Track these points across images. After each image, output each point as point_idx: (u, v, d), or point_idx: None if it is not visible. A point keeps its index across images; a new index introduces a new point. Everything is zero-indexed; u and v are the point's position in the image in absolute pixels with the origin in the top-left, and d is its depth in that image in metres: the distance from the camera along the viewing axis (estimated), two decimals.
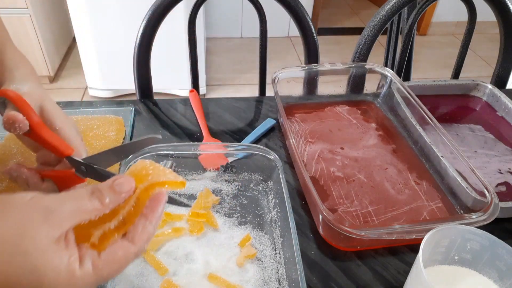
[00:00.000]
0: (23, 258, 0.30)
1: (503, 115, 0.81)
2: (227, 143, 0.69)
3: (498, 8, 0.98)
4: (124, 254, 0.33)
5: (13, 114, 0.41)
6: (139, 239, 0.34)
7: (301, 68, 0.82)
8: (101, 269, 0.32)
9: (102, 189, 0.34)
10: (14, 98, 0.42)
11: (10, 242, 0.30)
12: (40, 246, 0.30)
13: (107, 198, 0.34)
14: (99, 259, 0.33)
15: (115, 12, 1.91)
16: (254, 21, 1.14)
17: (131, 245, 0.34)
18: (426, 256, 0.46)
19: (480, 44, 2.96)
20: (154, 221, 0.35)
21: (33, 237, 0.30)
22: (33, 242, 0.30)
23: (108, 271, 0.33)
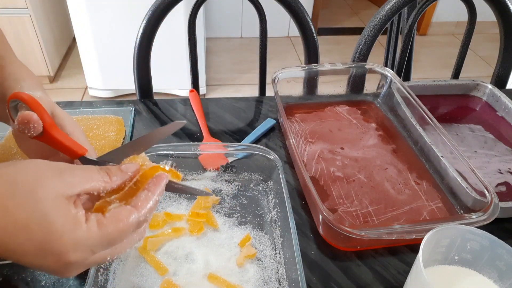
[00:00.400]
0: (34, 203, 0.31)
1: (503, 115, 0.81)
2: (227, 143, 0.69)
3: (498, 8, 0.98)
4: (126, 215, 0.35)
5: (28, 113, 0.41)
6: (141, 205, 0.36)
7: (301, 68, 0.82)
8: (106, 225, 0.34)
9: (111, 167, 0.37)
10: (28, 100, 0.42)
11: (25, 187, 0.32)
12: (51, 196, 0.32)
13: (114, 175, 0.36)
14: (104, 218, 0.34)
15: (115, 12, 1.91)
16: (254, 21, 1.14)
17: (134, 209, 0.35)
18: (426, 256, 0.46)
19: (480, 44, 2.96)
20: (156, 193, 0.37)
21: (46, 186, 0.32)
22: (46, 191, 0.32)
23: (112, 229, 0.34)
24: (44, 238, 0.31)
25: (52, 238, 0.32)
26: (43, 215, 0.31)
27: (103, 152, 0.68)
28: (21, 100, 0.42)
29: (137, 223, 0.36)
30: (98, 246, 0.34)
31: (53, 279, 0.50)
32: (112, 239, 0.34)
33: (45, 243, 0.31)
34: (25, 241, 0.31)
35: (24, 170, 0.33)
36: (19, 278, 0.50)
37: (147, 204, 0.36)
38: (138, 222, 0.36)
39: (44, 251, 0.32)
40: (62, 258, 0.32)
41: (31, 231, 0.31)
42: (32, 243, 0.31)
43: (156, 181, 0.38)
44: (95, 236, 0.33)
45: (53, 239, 0.32)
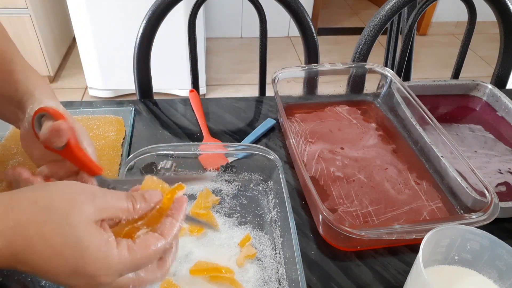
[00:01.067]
0: (69, 229, 0.32)
1: (503, 115, 0.81)
2: (227, 143, 0.69)
3: (498, 8, 0.98)
4: (154, 243, 0.36)
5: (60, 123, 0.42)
6: (167, 233, 0.37)
7: (301, 68, 0.82)
8: (136, 251, 0.34)
9: (135, 195, 0.38)
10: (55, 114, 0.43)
11: (60, 213, 0.32)
12: (85, 221, 0.33)
13: (138, 204, 0.37)
14: (133, 244, 0.35)
15: (115, 12, 1.91)
16: (254, 21, 1.14)
17: (161, 237, 0.36)
18: (426, 256, 0.46)
19: (480, 44, 2.96)
20: (180, 219, 0.39)
21: (80, 211, 0.33)
22: (80, 216, 0.33)
23: (141, 254, 0.35)
24: (77, 263, 0.32)
25: (86, 263, 0.32)
26: (77, 240, 0.32)
27: (102, 152, 0.68)
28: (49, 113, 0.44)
29: (163, 250, 0.37)
30: (126, 270, 0.35)
31: None
32: (139, 264, 0.35)
33: (78, 268, 0.32)
34: (59, 265, 0.32)
35: (58, 194, 0.34)
36: (19, 278, 0.50)
37: (172, 231, 0.37)
38: (164, 249, 0.37)
39: (77, 274, 0.33)
40: (95, 280, 0.33)
41: (66, 256, 0.32)
42: (66, 267, 0.32)
43: (178, 206, 0.39)
44: (125, 261, 0.34)
45: (86, 263, 0.32)
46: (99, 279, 0.33)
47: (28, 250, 0.32)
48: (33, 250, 0.32)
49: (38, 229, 0.32)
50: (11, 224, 0.32)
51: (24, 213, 0.32)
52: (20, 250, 0.32)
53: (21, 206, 0.33)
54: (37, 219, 0.32)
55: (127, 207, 0.36)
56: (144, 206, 0.38)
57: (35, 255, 0.32)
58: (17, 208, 0.32)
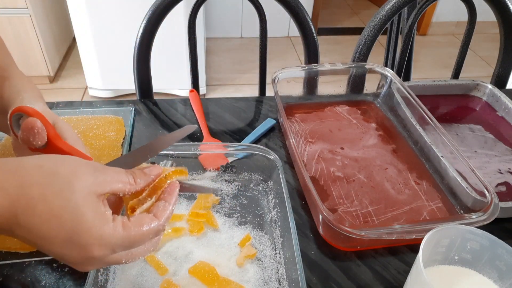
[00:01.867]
0: (70, 194, 0.33)
1: (503, 115, 0.81)
2: (227, 143, 0.69)
3: (498, 8, 0.98)
4: (148, 222, 0.37)
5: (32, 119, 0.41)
6: (160, 215, 0.38)
7: (301, 68, 0.82)
8: (130, 227, 0.35)
9: (135, 170, 0.39)
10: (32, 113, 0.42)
11: (63, 179, 0.34)
12: (85, 191, 0.34)
13: (138, 177, 0.39)
14: (128, 221, 0.36)
15: (115, 12, 1.91)
16: (254, 21, 1.14)
17: (154, 218, 0.37)
18: (426, 256, 0.46)
19: (480, 44, 2.96)
20: (172, 203, 0.40)
21: (81, 180, 0.34)
22: (81, 184, 0.34)
23: (135, 232, 0.36)
24: (73, 228, 0.33)
25: (81, 229, 0.33)
26: (76, 206, 0.33)
27: (102, 151, 0.68)
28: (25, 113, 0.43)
29: (156, 230, 0.37)
30: (120, 246, 0.35)
31: (53, 279, 0.50)
32: (133, 241, 0.36)
33: (73, 233, 0.33)
34: (56, 228, 0.33)
35: (63, 163, 0.35)
36: (19, 278, 0.50)
37: (165, 214, 0.38)
38: (157, 230, 0.38)
39: (71, 241, 0.33)
40: (86, 251, 0.34)
41: (63, 219, 0.33)
42: (62, 231, 0.33)
43: (170, 190, 0.40)
44: (118, 236, 0.35)
45: (82, 230, 0.33)
46: (91, 250, 0.34)
47: (29, 211, 0.33)
48: (33, 211, 0.33)
49: (41, 191, 0.33)
50: (16, 183, 0.33)
51: (29, 175, 0.33)
52: (21, 211, 0.33)
53: (27, 168, 0.34)
54: (41, 181, 0.33)
55: (127, 180, 0.38)
56: (145, 179, 0.39)
57: (34, 217, 0.33)
58: (23, 170, 0.34)
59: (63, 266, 0.51)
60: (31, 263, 0.51)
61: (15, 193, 0.33)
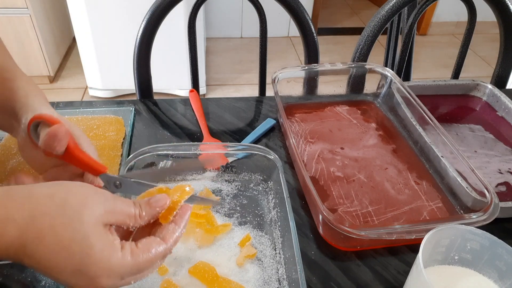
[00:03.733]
0: (79, 225, 0.33)
1: (503, 115, 0.81)
2: (227, 143, 0.69)
3: (498, 8, 0.98)
4: (156, 247, 0.37)
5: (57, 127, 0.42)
6: (168, 238, 0.38)
7: (301, 68, 0.82)
8: (138, 255, 0.36)
9: (141, 203, 0.39)
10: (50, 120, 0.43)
11: (73, 209, 0.34)
12: (95, 221, 0.34)
13: (144, 211, 0.38)
14: (136, 247, 0.36)
15: (115, 12, 1.91)
16: (254, 21, 1.14)
17: (162, 241, 0.38)
18: (426, 256, 0.46)
19: (480, 44, 2.96)
20: (182, 226, 0.40)
21: (92, 211, 0.34)
22: (90, 215, 0.34)
23: (142, 258, 0.36)
24: (82, 260, 0.33)
25: (90, 262, 0.33)
26: (85, 237, 0.33)
27: (102, 151, 0.68)
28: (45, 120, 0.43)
29: (163, 255, 0.38)
30: (128, 274, 0.36)
31: None
32: (141, 268, 0.36)
33: (82, 265, 0.33)
34: (64, 260, 0.33)
35: (73, 193, 0.35)
36: (19, 278, 0.50)
37: (173, 237, 0.38)
38: (164, 254, 0.38)
39: (80, 273, 0.33)
40: (95, 282, 0.34)
41: (72, 251, 0.33)
42: (71, 263, 0.33)
43: (181, 213, 0.40)
44: (127, 265, 0.35)
45: (90, 262, 0.33)
46: (100, 281, 0.34)
47: (38, 242, 0.32)
48: (42, 242, 0.32)
49: (50, 222, 0.33)
50: (26, 214, 0.33)
51: (39, 206, 0.33)
52: (30, 241, 0.32)
53: (38, 198, 0.34)
54: (51, 212, 0.33)
55: (134, 213, 0.37)
56: (150, 212, 0.39)
57: (43, 248, 0.32)
58: (34, 200, 0.34)
59: None
60: None
61: (25, 224, 0.32)
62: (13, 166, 0.63)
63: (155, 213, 0.39)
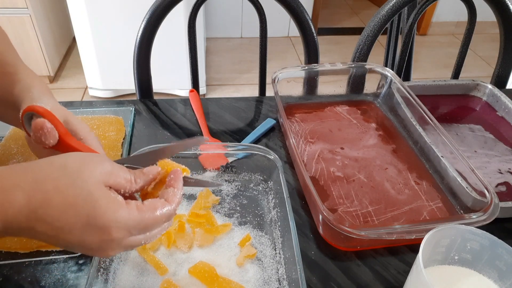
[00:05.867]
0: (81, 183, 0.35)
1: (503, 115, 0.81)
2: (227, 143, 0.69)
3: (498, 8, 0.98)
4: (161, 206, 0.38)
5: (41, 120, 0.42)
6: (172, 199, 0.39)
7: (301, 68, 0.82)
8: (144, 210, 0.37)
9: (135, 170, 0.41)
10: (42, 112, 0.43)
11: (73, 170, 0.36)
12: (95, 179, 0.36)
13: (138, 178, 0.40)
14: (142, 204, 0.38)
15: (115, 12, 1.91)
16: (254, 21, 1.14)
17: (166, 202, 0.39)
18: (426, 256, 0.46)
19: (480, 44, 2.96)
20: (180, 187, 0.41)
21: (91, 170, 0.36)
22: (90, 173, 0.36)
23: (149, 215, 0.37)
24: (90, 213, 0.35)
25: (97, 213, 0.35)
26: (89, 193, 0.35)
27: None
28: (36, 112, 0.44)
29: (168, 215, 0.39)
30: (135, 228, 0.37)
31: (53, 279, 0.50)
32: (148, 224, 0.38)
33: (90, 218, 0.35)
34: (73, 217, 0.35)
35: (72, 157, 0.38)
36: (19, 278, 0.50)
37: (176, 198, 0.40)
38: (169, 214, 0.39)
39: (89, 226, 0.35)
40: (105, 233, 0.35)
41: (78, 207, 0.35)
42: (79, 218, 0.35)
43: (175, 177, 0.41)
44: (134, 218, 0.36)
45: (97, 214, 0.35)
46: (110, 232, 0.35)
47: (45, 204, 0.34)
48: (50, 204, 0.34)
49: (54, 184, 0.35)
50: (30, 180, 0.35)
51: (41, 171, 0.36)
52: (39, 205, 0.34)
53: (39, 166, 0.36)
54: (53, 175, 0.35)
55: (129, 178, 0.39)
56: (143, 178, 0.40)
57: (51, 209, 0.34)
58: (36, 168, 0.36)
59: (63, 267, 0.51)
60: (31, 263, 0.51)
61: (31, 189, 0.34)
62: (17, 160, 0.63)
63: (148, 179, 0.41)
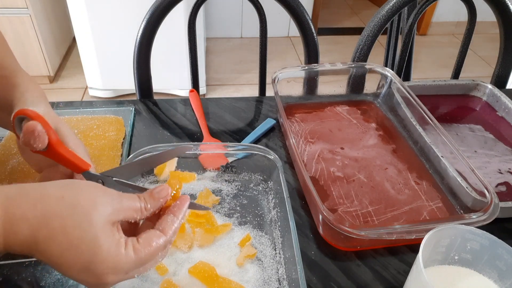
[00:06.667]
0: (88, 226, 0.35)
1: (503, 115, 0.81)
2: (227, 143, 0.69)
3: (498, 8, 0.98)
4: (156, 240, 0.38)
5: (33, 123, 0.42)
6: (167, 230, 0.39)
7: (301, 68, 0.82)
8: (140, 250, 0.37)
9: (145, 195, 0.41)
10: (33, 116, 0.43)
11: (83, 210, 0.35)
12: (103, 221, 0.36)
13: (148, 203, 0.40)
14: (138, 243, 0.38)
15: (115, 12, 1.91)
16: (254, 21, 1.14)
17: (161, 234, 0.39)
18: (426, 256, 0.46)
19: (480, 44, 2.96)
20: (180, 217, 0.41)
21: (101, 211, 0.36)
22: (99, 215, 0.36)
23: (145, 253, 0.37)
24: (90, 259, 0.35)
25: (97, 260, 0.35)
26: (93, 238, 0.35)
27: (102, 152, 0.68)
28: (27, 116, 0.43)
29: (164, 246, 0.39)
30: (132, 269, 0.37)
31: (53, 279, 0.50)
32: (144, 261, 0.38)
33: (90, 263, 0.35)
34: (73, 258, 0.35)
35: (84, 193, 0.37)
36: (19, 278, 0.50)
37: (173, 228, 0.40)
38: (165, 245, 0.39)
39: (87, 270, 0.35)
40: (101, 279, 0.36)
41: (80, 250, 0.35)
42: (79, 261, 0.35)
43: (180, 204, 0.42)
44: (131, 261, 0.37)
45: (97, 261, 0.35)
46: (106, 278, 0.36)
47: (49, 241, 0.34)
48: (53, 241, 0.34)
49: (61, 222, 0.35)
50: (38, 214, 0.34)
51: (51, 206, 0.35)
52: (42, 240, 0.34)
53: (50, 199, 0.35)
54: (62, 213, 0.35)
55: (140, 207, 0.39)
56: (154, 204, 0.40)
57: (54, 246, 0.34)
58: (46, 201, 0.35)
59: None
60: (31, 263, 0.51)
61: (37, 223, 0.34)
62: (13, 166, 0.63)
63: (159, 204, 0.41)
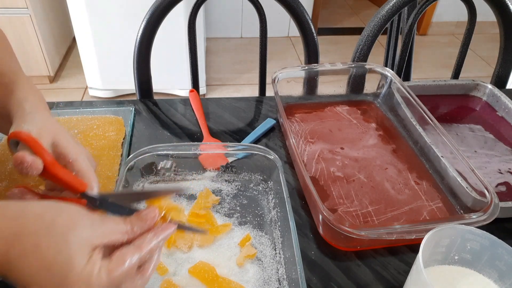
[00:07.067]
0: (65, 247, 0.34)
1: (503, 115, 0.81)
2: (227, 143, 0.69)
3: (498, 8, 0.98)
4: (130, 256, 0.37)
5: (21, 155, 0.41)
6: (144, 246, 0.38)
7: (301, 68, 0.82)
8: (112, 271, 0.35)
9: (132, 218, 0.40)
10: (27, 140, 0.42)
11: (60, 229, 0.34)
12: (80, 243, 0.35)
13: (135, 225, 0.39)
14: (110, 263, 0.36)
15: (115, 12, 1.91)
16: (254, 21, 1.14)
17: (136, 249, 0.38)
18: (426, 256, 0.46)
19: (480, 44, 2.96)
20: (160, 238, 0.40)
21: (78, 233, 0.35)
22: (76, 237, 0.34)
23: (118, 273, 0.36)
24: (61, 281, 0.33)
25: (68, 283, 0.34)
26: (66, 259, 0.34)
27: (102, 152, 0.68)
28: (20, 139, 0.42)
29: (139, 261, 0.38)
30: None
31: None
32: (118, 282, 0.36)
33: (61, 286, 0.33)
34: (45, 280, 0.33)
35: (64, 214, 0.36)
36: None
37: (149, 246, 0.38)
38: (140, 261, 0.38)
39: None
40: None
41: (53, 272, 0.33)
42: (51, 283, 0.33)
43: (164, 227, 0.40)
44: (104, 284, 0.35)
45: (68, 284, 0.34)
46: None
47: (22, 259, 0.33)
48: (26, 260, 0.33)
49: (36, 241, 0.34)
50: (14, 231, 0.34)
51: (28, 223, 0.34)
52: (14, 259, 0.33)
53: (28, 217, 0.35)
54: (38, 232, 0.34)
55: (125, 230, 0.38)
56: (141, 225, 0.39)
57: (27, 266, 0.33)
58: (23, 219, 0.34)
59: None
60: None
61: (11, 240, 0.33)
62: (13, 166, 0.63)
63: (146, 226, 0.40)
